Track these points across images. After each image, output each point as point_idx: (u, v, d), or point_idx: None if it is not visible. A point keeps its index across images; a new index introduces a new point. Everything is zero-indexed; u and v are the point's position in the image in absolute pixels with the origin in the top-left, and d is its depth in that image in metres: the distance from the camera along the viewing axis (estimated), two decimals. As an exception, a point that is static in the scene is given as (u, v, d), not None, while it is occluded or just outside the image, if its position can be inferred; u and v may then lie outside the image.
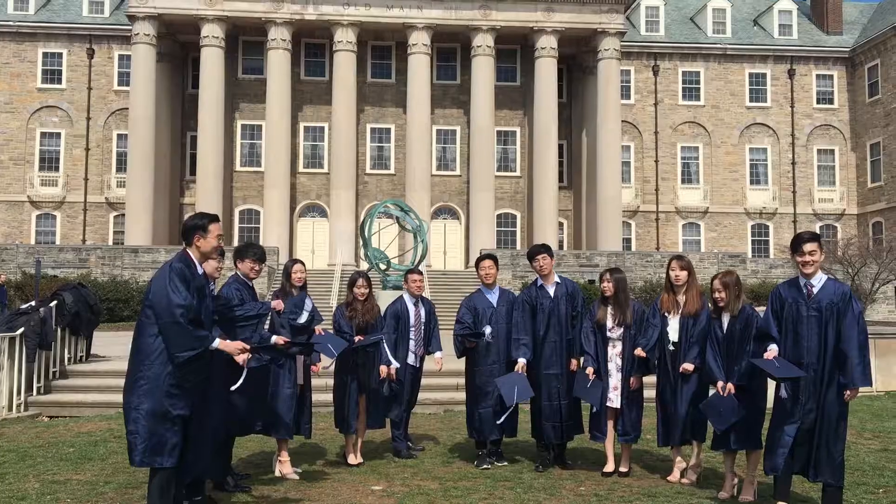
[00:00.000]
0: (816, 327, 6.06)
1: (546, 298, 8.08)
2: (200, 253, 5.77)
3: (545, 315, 8.03)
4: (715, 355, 6.90)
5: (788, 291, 6.26)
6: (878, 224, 43.31)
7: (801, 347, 6.10)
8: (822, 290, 6.13)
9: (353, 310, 8.38)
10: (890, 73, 42.73)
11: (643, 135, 44.50)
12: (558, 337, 8.00)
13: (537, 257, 8.21)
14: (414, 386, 8.98)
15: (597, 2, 39.05)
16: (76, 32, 42.23)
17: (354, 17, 38.38)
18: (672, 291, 7.54)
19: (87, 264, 32.38)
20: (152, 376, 5.33)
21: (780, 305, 6.25)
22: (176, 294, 5.35)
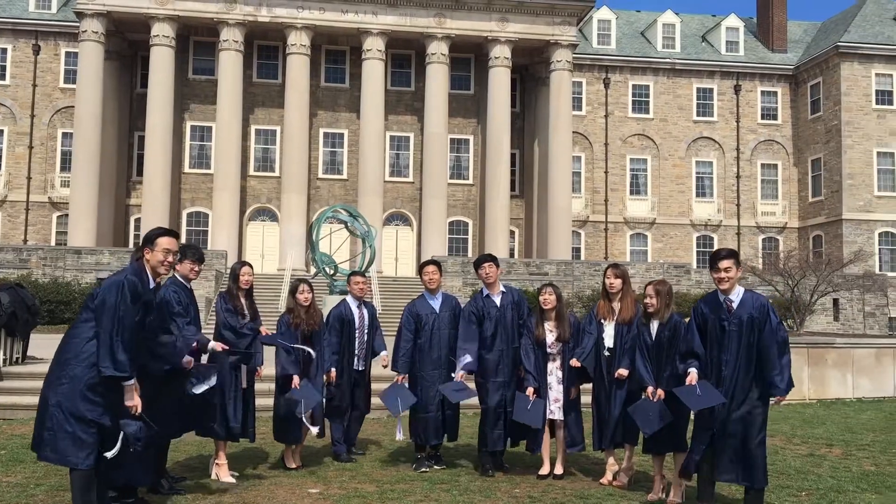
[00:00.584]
0: (737, 340, 6.30)
1: (492, 307, 8.18)
2: (150, 266, 5.80)
3: (492, 324, 8.13)
4: (644, 361, 7.09)
5: (709, 308, 6.47)
6: (818, 237, 44.56)
7: (723, 361, 6.32)
8: (741, 304, 6.37)
9: (297, 317, 8.37)
10: (831, 91, 44.05)
11: (594, 146, 45.14)
12: (505, 345, 8.11)
13: (483, 265, 8.32)
14: (363, 391, 8.98)
15: (550, 14, 39.54)
16: (22, 28, 41.27)
17: (308, 20, 38.24)
18: (608, 298, 7.74)
19: (29, 265, 31.62)
20: (74, 377, 5.31)
21: (702, 321, 6.47)
22: (119, 320, 5.35)
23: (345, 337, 8.76)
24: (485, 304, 8.20)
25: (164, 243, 5.83)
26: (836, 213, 43.13)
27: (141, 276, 5.66)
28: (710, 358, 6.38)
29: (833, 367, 14.95)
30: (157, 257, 5.81)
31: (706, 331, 6.43)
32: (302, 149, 38.53)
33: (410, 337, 8.30)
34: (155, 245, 5.80)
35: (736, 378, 6.26)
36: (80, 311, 5.59)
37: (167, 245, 5.85)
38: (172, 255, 5.94)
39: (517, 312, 8.23)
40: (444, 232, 39.40)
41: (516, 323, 8.18)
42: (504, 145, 39.43)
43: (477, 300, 8.32)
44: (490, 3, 38.92)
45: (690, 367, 6.40)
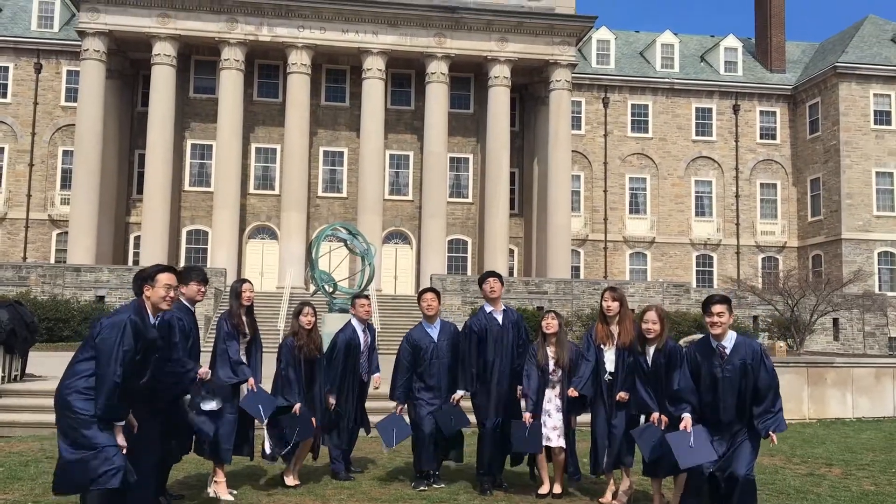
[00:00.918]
0: (731, 387, 6.33)
1: (495, 325, 8.20)
2: (151, 303, 5.81)
3: (493, 342, 8.14)
4: (644, 386, 7.08)
5: (702, 354, 6.49)
6: (817, 257, 44.59)
7: (718, 407, 6.35)
8: (734, 350, 6.39)
9: (300, 339, 8.37)
10: (830, 112, 44.25)
11: (593, 165, 45.27)
12: (504, 365, 8.13)
13: (488, 280, 8.34)
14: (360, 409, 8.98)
15: (549, 34, 39.79)
16: (24, 46, 41.50)
17: (309, 39, 38.46)
18: (605, 322, 7.73)
19: (28, 282, 31.60)
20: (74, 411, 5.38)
21: (695, 367, 6.49)
22: (118, 362, 5.35)
23: (350, 360, 8.76)
24: (487, 322, 8.21)
25: (165, 279, 5.85)
26: (836, 233, 43.19)
27: (142, 314, 5.70)
28: (704, 402, 6.42)
29: (833, 386, 14.93)
30: (159, 293, 5.84)
31: (700, 376, 6.45)
32: (302, 167, 38.63)
33: (408, 367, 8.32)
34: (155, 282, 5.82)
35: (740, 420, 6.33)
36: (81, 344, 5.62)
37: (167, 281, 5.87)
38: (173, 290, 5.96)
39: (516, 332, 8.26)
40: (443, 250, 39.43)
41: (515, 343, 8.20)
42: (503, 164, 39.54)
43: (479, 318, 8.34)
44: (490, 24, 39.17)
45: (684, 411, 6.41)
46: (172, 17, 37.36)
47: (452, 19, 38.92)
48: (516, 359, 8.14)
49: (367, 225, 37.12)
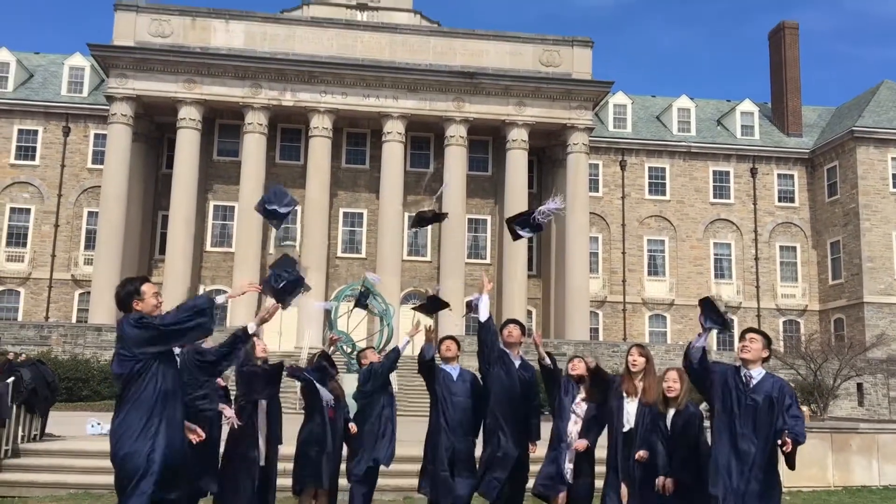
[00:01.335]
0: (749, 417, 6.27)
1: (511, 366, 8.19)
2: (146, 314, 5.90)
3: (507, 381, 8.12)
4: (664, 446, 7.06)
5: (733, 378, 6.50)
6: (839, 320, 44.09)
7: (739, 434, 6.29)
8: (759, 382, 6.37)
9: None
10: (848, 175, 44.30)
11: (611, 226, 45.38)
12: (512, 412, 8.08)
13: (508, 325, 8.43)
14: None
15: (566, 98, 40.38)
16: (53, 111, 42.65)
17: (331, 104, 39.25)
18: (630, 376, 7.73)
19: (49, 342, 31.84)
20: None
21: (722, 380, 6.48)
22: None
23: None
24: (505, 358, 8.22)
25: (150, 289, 5.97)
26: (857, 297, 42.78)
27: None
28: (721, 421, 6.37)
29: (858, 453, 14.64)
30: (151, 302, 5.90)
31: (724, 392, 6.44)
32: (322, 228, 39.02)
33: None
34: (142, 293, 5.91)
35: (754, 457, 6.23)
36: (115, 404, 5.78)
37: (152, 290, 5.98)
38: (158, 296, 6.04)
39: (530, 384, 8.24)
40: (461, 311, 39.34)
41: (526, 393, 8.17)
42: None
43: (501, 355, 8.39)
44: (507, 89, 39.85)
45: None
46: (198, 83, 38.33)
47: (471, 85, 39.66)
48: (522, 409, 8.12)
49: (385, 285, 37.09)
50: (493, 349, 8.21)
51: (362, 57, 39.63)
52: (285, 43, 39.48)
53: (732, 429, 6.29)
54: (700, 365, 6.51)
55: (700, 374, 6.58)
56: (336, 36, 39.92)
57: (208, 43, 38.90)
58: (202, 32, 39.04)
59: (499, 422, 8.02)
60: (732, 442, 6.29)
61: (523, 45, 40.94)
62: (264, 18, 39.94)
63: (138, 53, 37.78)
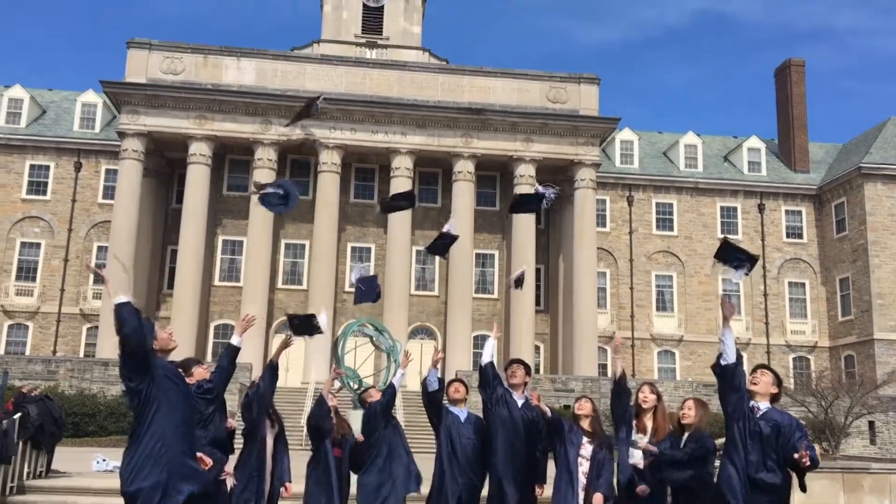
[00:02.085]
0: (756, 443, 6.32)
1: (514, 405, 8.14)
2: (162, 353, 6.04)
3: (508, 419, 8.07)
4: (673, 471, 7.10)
5: (746, 403, 6.59)
6: (849, 357, 43.75)
7: (749, 462, 6.32)
8: (765, 413, 6.45)
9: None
10: (856, 211, 44.25)
11: (618, 262, 45.34)
12: (512, 451, 8.01)
13: (511, 366, 8.41)
14: None
15: (573, 135, 40.62)
16: (65, 146, 43.10)
17: (340, 140, 39.56)
18: (639, 414, 7.72)
19: (57, 376, 31.82)
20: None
21: (735, 406, 6.52)
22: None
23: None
24: (507, 398, 8.17)
25: (201, 372, 6.25)
26: (868, 333, 42.47)
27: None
28: (733, 450, 6.40)
29: (870, 493, 14.43)
30: (163, 336, 6.33)
31: (736, 410, 6.50)
32: (330, 263, 39.10)
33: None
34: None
35: (757, 483, 6.26)
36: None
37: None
38: (163, 329, 6.45)
39: (533, 423, 8.18)
40: (468, 346, 39.26)
41: (529, 433, 8.10)
42: (529, 260, 39.72)
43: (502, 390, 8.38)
44: (515, 125, 40.13)
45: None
46: (209, 119, 38.74)
47: (479, 121, 39.96)
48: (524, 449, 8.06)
49: (393, 320, 37.17)
50: (494, 390, 8.19)
51: (371, 93, 40.04)
52: (296, 80, 39.93)
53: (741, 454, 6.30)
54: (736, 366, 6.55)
55: (731, 378, 6.53)
56: (346, 73, 40.38)
57: (220, 80, 39.39)
58: (214, 70, 39.56)
59: (501, 463, 7.97)
60: (742, 466, 6.30)
61: (530, 82, 41.31)
62: (275, 56, 40.47)
63: (150, 90, 38.26)
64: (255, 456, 7.83)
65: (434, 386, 8.40)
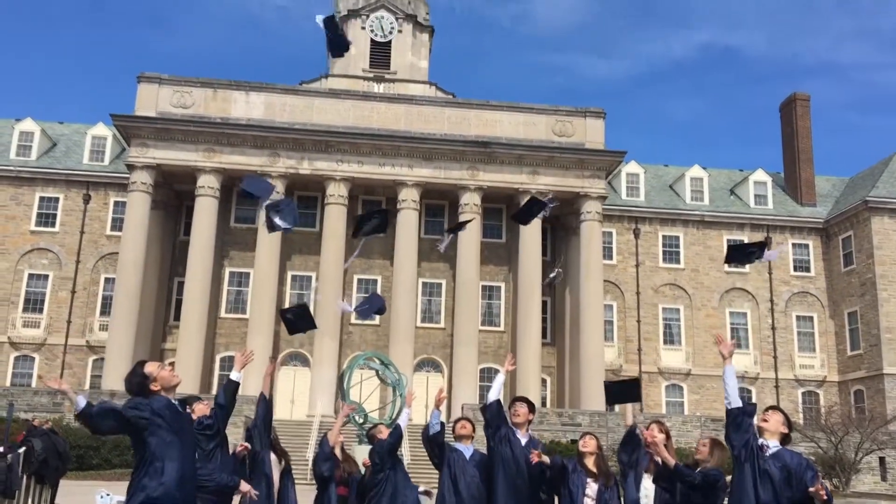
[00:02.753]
0: (765, 484, 6.24)
1: (517, 444, 8.09)
2: (165, 391, 6.00)
3: (511, 459, 8.01)
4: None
5: (755, 441, 6.54)
6: (859, 392, 43.36)
7: (761, 499, 6.27)
8: (777, 452, 6.39)
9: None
10: (864, 245, 44.14)
11: (625, 295, 45.21)
12: (514, 491, 7.95)
13: (515, 404, 8.35)
14: None
15: (579, 167, 40.77)
16: (75, 179, 43.42)
17: (347, 172, 39.79)
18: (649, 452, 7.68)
19: (62, 408, 31.74)
20: None
21: (752, 452, 6.44)
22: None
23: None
24: (511, 437, 8.12)
25: (153, 367, 6.12)
26: (877, 368, 42.15)
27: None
28: (741, 476, 6.37)
29: (883, 532, 14.24)
30: (163, 375, 6.18)
31: (745, 447, 6.45)
32: (336, 294, 39.04)
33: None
34: (150, 375, 6.06)
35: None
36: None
37: (155, 365, 6.23)
38: (163, 366, 6.30)
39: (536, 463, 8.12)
40: (475, 379, 39.08)
41: (532, 471, 8.04)
42: (535, 293, 39.69)
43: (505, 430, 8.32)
44: (521, 158, 40.32)
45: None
46: (218, 152, 39.04)
47: (485, 154, 40.17)
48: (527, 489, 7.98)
49: (398, 352, 37.10)
50: (497, 429, 8.15)
51: (378, 127, 40.34)
52: (304, 113, 40.28)
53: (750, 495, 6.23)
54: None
55: (736, 422, 6.56)
56: (353, 107, 40.72)
57: (229, 113, 39.76)
58: (223, 103, 39.95)
59: (503, 502, 7.91)
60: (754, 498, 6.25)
61: (536, 115, 41.58)
62: (284, 90, 40.87)
63: (160, 123, 38.63)
64: (264, 492, 7.79)
65: (436, 429, 8.37)
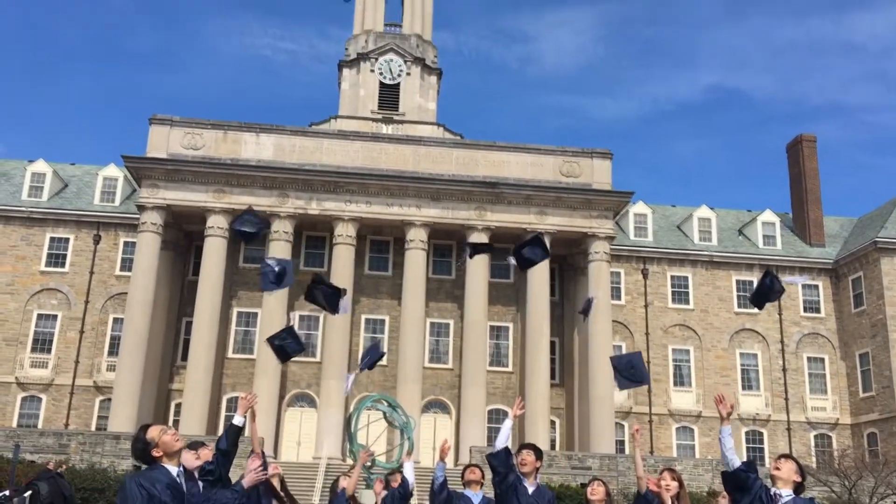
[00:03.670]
0: None
1: (524, 495, 7.96)
2: (167, 456, 5.86)
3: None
4: None
5: (766, 494, 6.46)
6: (872, 435, 42.77)
7: None
8: (789, 501, 6.29)
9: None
10: (874, 286, 43.89)
11: (634, 335, 44.95)
12: None
13: (521, 451, 8.23)
14: None
15: (587, 208, 40.85)
16: (85, 219, 43.71)
17: (355, 213, 39.95)
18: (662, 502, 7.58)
19: (68, 450, 31.57)
20: None
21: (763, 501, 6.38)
22: None
23: None
24: (518, 485, 7.99)
25: (155, 432, 5.99)
26: (890, 410, 41.62)
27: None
28: None
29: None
30: (165, 440, 5.99)
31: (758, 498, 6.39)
32: (343, 335, 39.00)
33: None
34: (152, 441, 5.98)
35: None
36: None
37: (158, 430, 6.09)
38: (167, 431, 6.05)
39: None
40: (483, 420, 38.73)
41: None
42: (544, 333, 39.51)
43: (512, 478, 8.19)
44: (529, 198, 40.44)
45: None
46: (227, 193, 39.30)
47: (493, 194, 40.32)
48: None
49: (406, 394, 36.84)
50: (505, 477, 8.03)
51: (387, 167, 40.58)
52: (313, 154, 40.61)
53: None
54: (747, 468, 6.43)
55: (736, 483, 6.42)
56: (362, 148, 41.03)
57: (239, 154, 40.10)
58: (233, 145, 40.32)
59: None
60: None
61: (544, 156, 41.79)
62: (293, 132, 41.25)
63: (170, 165, 38.97)
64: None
65: (440, 481, 8.29)
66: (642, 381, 8.19)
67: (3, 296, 42.25)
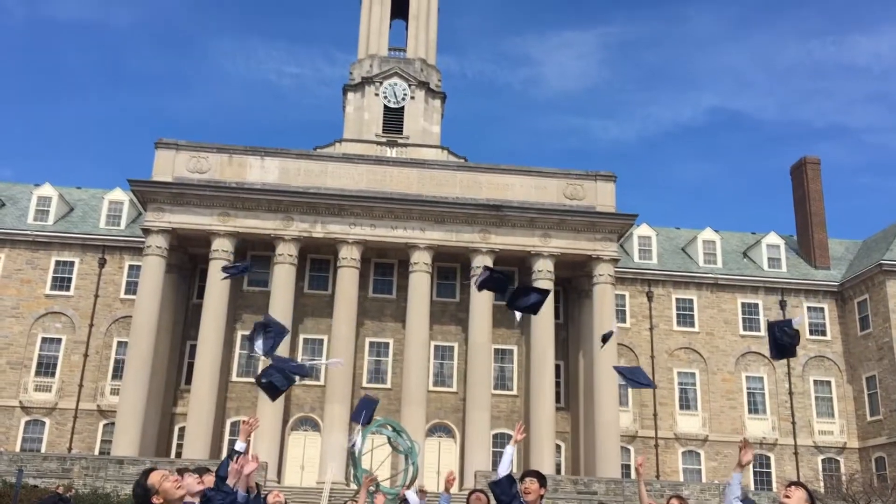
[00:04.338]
0: None
1: None
2: (168, 503, 5.65)
3: None
4: None
5: None
6: (880, 459, 42.40)
7: None
8: None
9: None
10: (880, 309, 43.71)
11: (640, 358, 44.75)
12: None
13: (525, 479, 8.13)
14: None
15: (591, 230, 40.84)
16: (90, 243, 43.84)
17: (360, 236, 40.00)
18: None
19: (71, 475, 31.42)
20: None
21: None
22: None
23: None
24: None
25: (157, 478, 5.64)
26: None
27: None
28: None
29: None
30: (166, 486, 5.44)
31: None
32: (348, 358, 38.87)
33: None
34: (152, 487, 5.73)
35: None
36: None
37: (159, 476, 5.71)
38: (168, 476, 5.74)
39: None
40: (487, 444, 38.51)
41: None
42: (548, 357, 39.36)
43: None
44: (533, 221, 40.46)
45: None
46: (232, 216, 39.41)
47: (497, 217, 40.36)
48: None
49: (410, 417, 36.67)
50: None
51: (391, 190, 40.67)
52: (318, 178, 40.74)
53: None
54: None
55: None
56: (366, 171, 41.16)
57: (244, 178, 40.24)
58: (238, 168, 40.48)
59: None
60: None
61: (547, 179, 41.86)
62: (298, 155, 41.42)
63: (176, 188, 39.11)
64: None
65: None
66: (649, 384, 8.23)
67: (8, 319, 42.28)
